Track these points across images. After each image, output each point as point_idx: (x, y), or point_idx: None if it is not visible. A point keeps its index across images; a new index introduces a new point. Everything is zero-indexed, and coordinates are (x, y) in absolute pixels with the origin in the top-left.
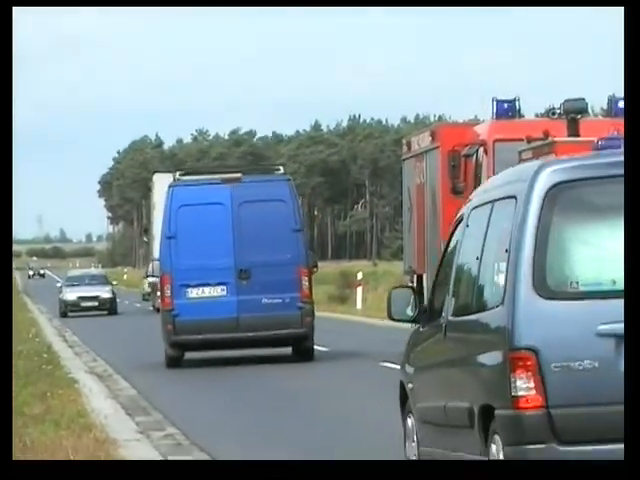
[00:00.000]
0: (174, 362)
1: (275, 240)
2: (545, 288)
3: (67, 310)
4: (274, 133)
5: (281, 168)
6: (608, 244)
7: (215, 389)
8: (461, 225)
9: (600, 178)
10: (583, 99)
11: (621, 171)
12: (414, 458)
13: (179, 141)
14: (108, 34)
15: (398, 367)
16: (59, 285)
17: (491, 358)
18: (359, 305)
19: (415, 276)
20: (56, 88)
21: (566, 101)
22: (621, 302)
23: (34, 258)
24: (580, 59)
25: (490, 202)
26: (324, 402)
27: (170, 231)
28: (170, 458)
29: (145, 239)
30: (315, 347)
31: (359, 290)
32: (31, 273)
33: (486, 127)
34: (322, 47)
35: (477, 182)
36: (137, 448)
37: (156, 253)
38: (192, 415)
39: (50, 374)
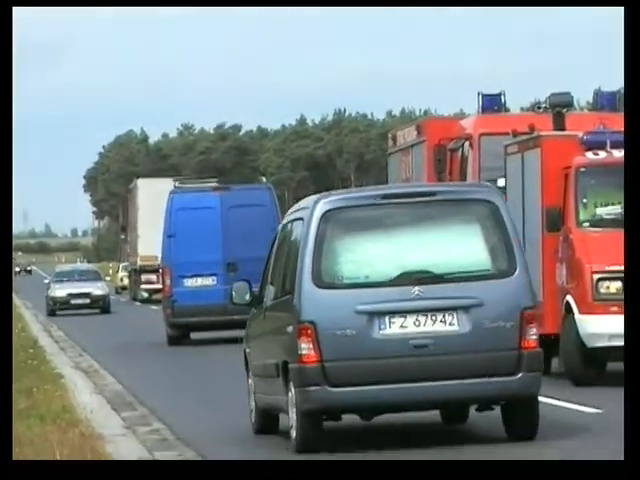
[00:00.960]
0: (174, 341)
1: (257, 238)
2: (320, 281)
3: (56, 308)
4: (259, 127)
5: (264, 179)
6: (363, 250)
7: (201, 384)
8: (277, 236)
9: (356, 206)
10: (569, 93)
11: (372, 200)
12: (253, 405)
13: (164, 135)
14: (92, 29)
15: None
16: (47, 281)
17: (288, 329)
18: None
19: None
20: (41, 83)
21: (552, 95)
22: (374, 290)
23: (19, 253)
24: (565, 53)
25: (290, 221)
26: None
27: (170, 231)
28: (156, 454)
29: (122, 236)
30: None
31: None
32: (17, 270)
33: (472, 121)
34: (307, 41)
35: (463, 176)
36: (123, 443)
37: (141, 250)
38: (178, 410)
39: (36, 369)
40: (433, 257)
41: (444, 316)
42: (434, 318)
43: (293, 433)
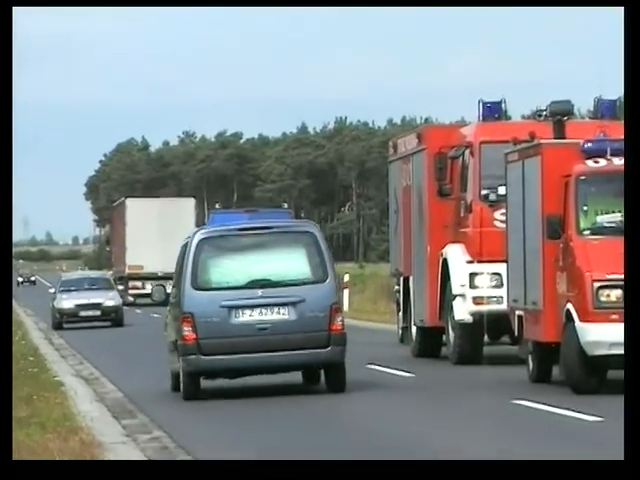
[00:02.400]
0: None
1: None
2: (196, 285)
3: (62, 320)
4: (260, 135)
5: (285, 205)
6: (224, 265)
7: (203, 393)
8: (179, 253)
9: (221, 236)
10: (569, 101)
11: (231, 232)
12: (169, 371)
13: (165, 143)
14: (93, 35)
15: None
16: (52, 291)
17: (178, 318)
18: (346, 307)
19: (402, 278)
20: (42, 90)
21: (552, 103)
22: (231, 292)
23: (20, 261)
24: (566, 60)
25: (184, 245)
26: (307, 403)
27: None
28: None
29: (108, 248)
30: None
31: (346, 292)
32: (20, 280)
33: (472, 129)
34: (309, 49)
35: (464, 184)
36: (123, 451)
37: (129, 260)
38: (178, 418)
39: (36, 377)
40: (271, 270)
41: (278, 309)
42: (272, 310)
43: (181, 387)
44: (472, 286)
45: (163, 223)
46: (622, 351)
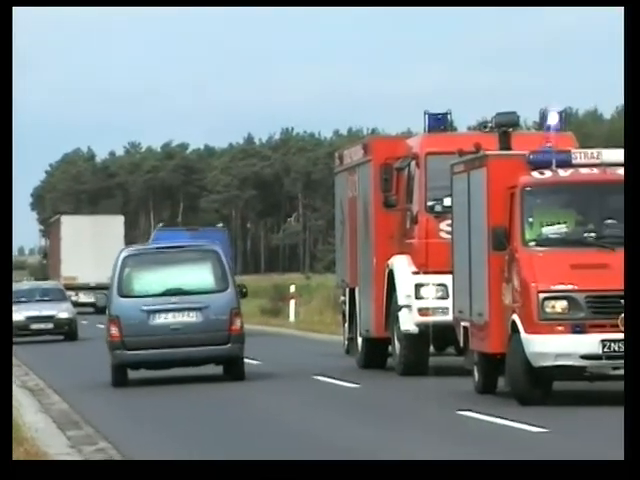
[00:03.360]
0: None
1: None
2: (122, 293)
3: (12, 334)
4: (206, 146)
5: (221, 224)
6: (145, 277)
7: (147, 403)
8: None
9: (142, 253)
10: (515, 112)
11: (152, 250)
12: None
13: (111, 154)
14: (37, 43)
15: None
16: None
17: (108, 319)
18: (292, 318)
19: (347, 289)
20: None
21: (497, 114)
22: (150, 299)
23: None
24: (512, 72)
25: (116, 259)
26: (255, 414)
27: None
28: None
29: (44, 261)
30: (248, 361)
31: (292, 303)
32: None
33: (418, 140)
34: (254, 60)
35: (409, 195)
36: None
37: (64, 272)
38: (124, 429)
39: None
40: (183, 282)
41: (188, 313)
42: (182, 314)
43: (111, 377)
44: (418, 297)
45: (95, 238)
46: (568, 362)
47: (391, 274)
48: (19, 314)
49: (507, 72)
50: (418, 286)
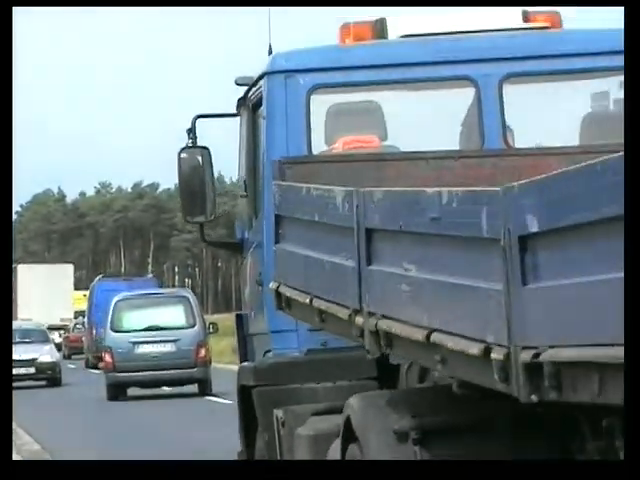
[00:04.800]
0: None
1: None
2: (114, 329)
3: None
4: (176, 185)
5: (150, 275)
6: (132, 317)
7: (122, 445)
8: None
9: (129, 298)
10: None
11: (137, 295)
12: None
13: (82, 194)
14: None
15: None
16: None
17: (102, 350)
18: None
19: None
20: None
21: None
22: (136, 333)
23: None
24: None
25: (111, 304)
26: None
27: (96, 302)
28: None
29: None
30: (217, 400)
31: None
32: None
33: None
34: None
35: None
36: None
37: (20, 314)
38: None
39: None
40: (160, 320)
41: (164, 344)
42: (160, 345)
43: (106, 394)
44: None
45: (47, 284)
46: None
47: None
48: None
49: None
50: None
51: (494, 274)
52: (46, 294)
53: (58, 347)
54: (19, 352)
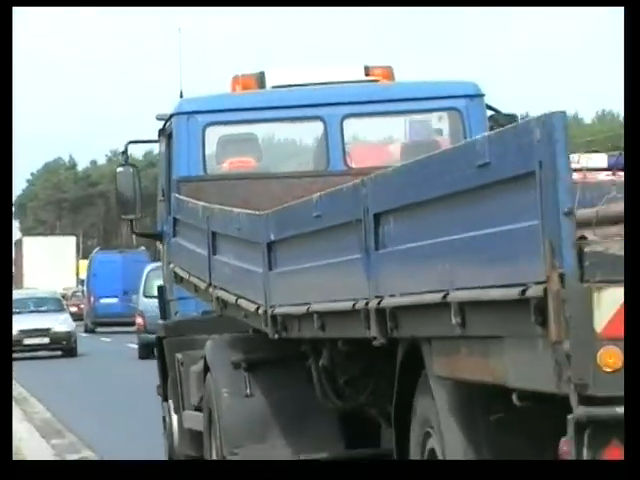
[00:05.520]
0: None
1: (137, 277)
2: (146, 294)
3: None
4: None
5: (143, 247)
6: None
7: (131, 412)
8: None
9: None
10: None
11: None
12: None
13: (93, 162)
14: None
15: None
16: None
17: (135, 313)
18: None
19: None
20: None
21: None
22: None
23: None
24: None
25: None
26: None
27: (94, 272)
28: None
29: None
30: None
31: None
32: None
33: None
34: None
35: None
36: None
37: (26, 283)
38: (107, 437)
39: None
40: None
41: None
42: None
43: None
44: None
45: (51, 254)
46: None
47: None
48: None
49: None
50: None
51: (357, 246)
52: (50, 264)
53: None
54: (33, 321)
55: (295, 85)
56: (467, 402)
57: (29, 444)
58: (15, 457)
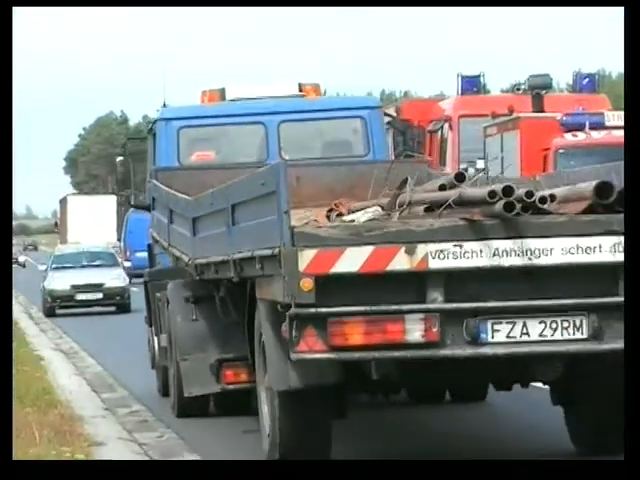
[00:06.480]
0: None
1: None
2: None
3: (55, 305)
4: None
5: None
6: None
7: None
8: None
9: None
10: (548, 75)
11: None
12: None
13: (145, 117)
14: (70, 10)
15: None
16: (43, 269)
17: None
18: None
19: None
20: (20, 63)
21: (531, 76)
22: None
23: None
24: (546, 34)
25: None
26: None
27: (129, 229)
28: (136, 435)
29: (56, 230)
30: None
31: None
32: None
33: (451, 102)
34: (292, 22)
35: (442, 158)
36: (103, 425)
37: (70, 238)
38: (157, 392)
39: (15, 351)
40: None
41: None
42: None
43: None
44: None
45: (93, 213)
46: None
47: None
48: (63, 282)
49: (540, 34)
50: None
51: (225, 223)
52: (92, 221)
53: None
54: (86, 276)
55: (246, 98)
56: (269, 309)
57: (80, 398)
58: (65, 411)
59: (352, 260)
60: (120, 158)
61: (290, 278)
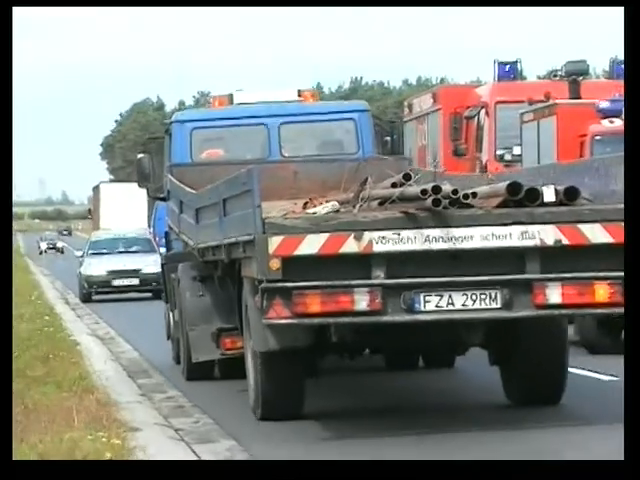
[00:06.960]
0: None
1: None
2: None
3: (91, 291)
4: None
5: None
6: None
7: None
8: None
9: None
10: (584, 61)
11: None
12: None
13: (181, 103)
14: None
15: None
16: (79, 254)
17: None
18: None
19: None
20: (57, 50)
21: (568, 63)
22: None
23: (36, 221)
24: (583, 20)
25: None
26: None
27: (158, 216)
28: (172, 420)
29: (89, 216)
30: None
31: None
32: (44, 247)
33: (488, 89)
34: (322, 9)
35: (479, 144)
36: (139, 410)
37: (102, 225)
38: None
39: (52, 336)
40: None
41: None
42: None
43: None
44: None
45: (125, 200)
46: None
47: None
48: (99, 268)
49: (577, 19)
50: None
51: (218, 214)
52: (124, 208)
53: None
54: (123, 262)
55: (251, 103)
56: (250, 285)
57: (116, 384)
58: (100, 397)
59: (312, 244)
60: (141, 155)
61: (262, 259)
